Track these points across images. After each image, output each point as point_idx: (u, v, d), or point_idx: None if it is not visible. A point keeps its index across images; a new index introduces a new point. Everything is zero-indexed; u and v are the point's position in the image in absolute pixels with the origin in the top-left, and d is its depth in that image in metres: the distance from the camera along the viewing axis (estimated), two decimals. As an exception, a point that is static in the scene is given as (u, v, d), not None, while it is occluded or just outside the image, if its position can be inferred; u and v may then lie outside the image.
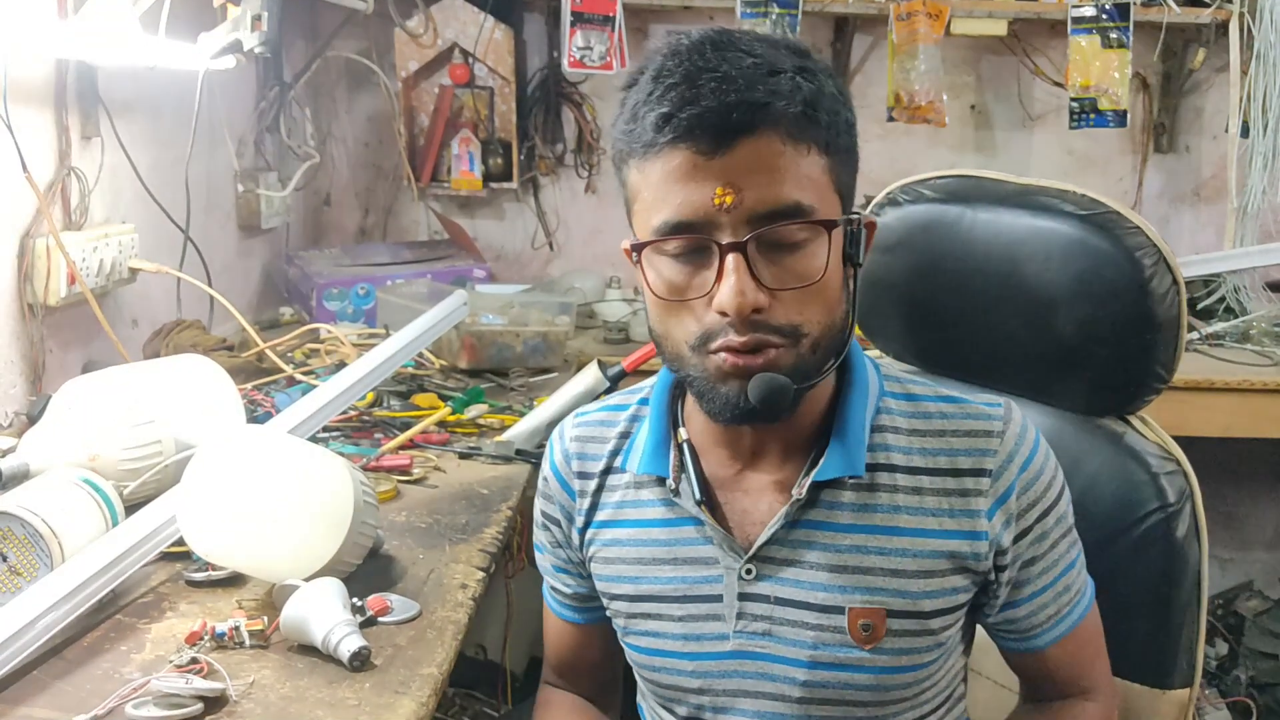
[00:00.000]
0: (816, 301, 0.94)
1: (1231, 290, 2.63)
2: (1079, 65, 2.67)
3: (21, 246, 1.67)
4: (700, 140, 0.89)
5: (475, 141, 2.89)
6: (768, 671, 1.03)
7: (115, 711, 0.96)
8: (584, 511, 1.12)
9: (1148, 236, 1.20)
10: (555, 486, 1.14)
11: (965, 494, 1.01)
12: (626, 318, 2.61)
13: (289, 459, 1.19)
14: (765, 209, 0.90)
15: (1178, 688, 1.20)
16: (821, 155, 0.93)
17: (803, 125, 0.91)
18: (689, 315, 0.95)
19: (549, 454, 1.16)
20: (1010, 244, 1.27)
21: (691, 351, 0.96)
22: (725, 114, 0.89)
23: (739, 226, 0.91)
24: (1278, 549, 3.04)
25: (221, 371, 1.52)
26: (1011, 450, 1.01)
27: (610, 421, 1.13)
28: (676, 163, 0.91)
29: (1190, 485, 1.20)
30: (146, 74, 1.85)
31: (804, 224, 0.92)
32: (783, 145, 0.91)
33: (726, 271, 0.91)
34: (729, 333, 0.92)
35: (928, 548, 1.00)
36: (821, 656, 1.01)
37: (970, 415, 1.03)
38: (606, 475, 1.11)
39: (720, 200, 0.90)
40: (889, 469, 1.02)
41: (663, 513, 1.07)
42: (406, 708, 0.99)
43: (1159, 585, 1.19)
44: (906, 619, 1.00)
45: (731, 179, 0.90)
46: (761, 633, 1.03)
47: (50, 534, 1.13)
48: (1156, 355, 1.21)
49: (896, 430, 1.03)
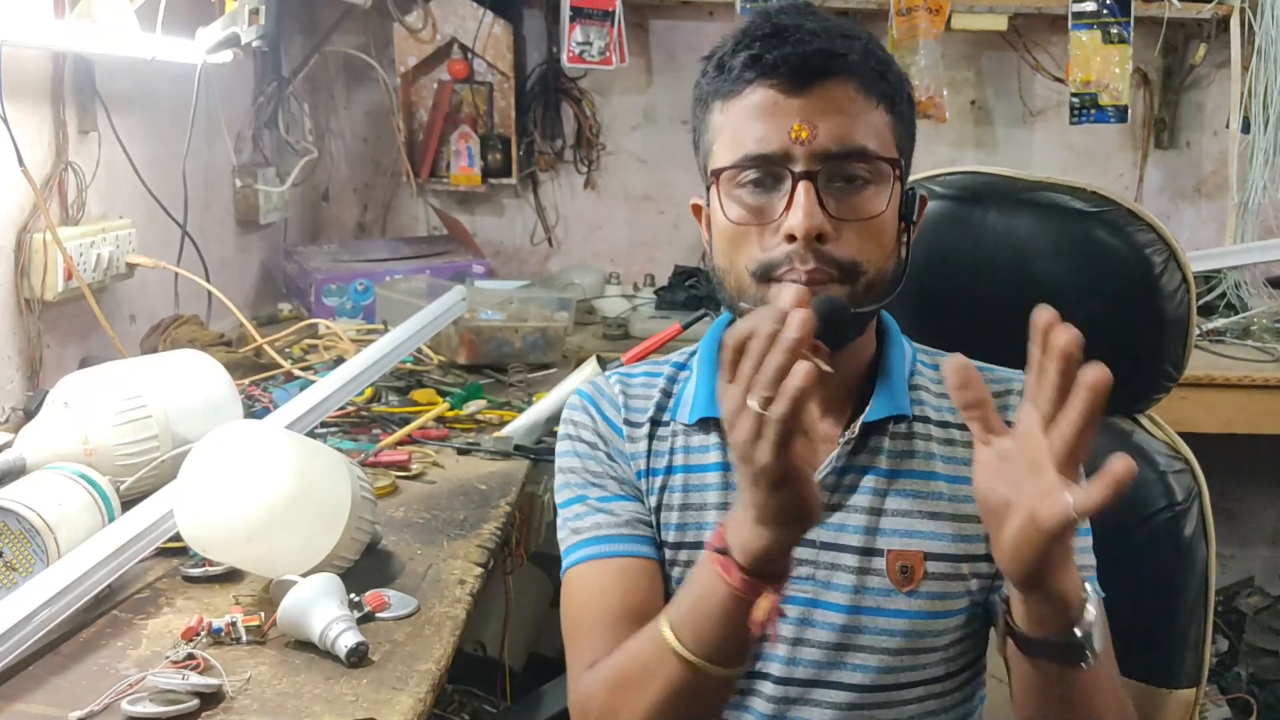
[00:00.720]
0: (875, 241, 1.01)
1: (1232, 286, 2.62)
2: (1080, 61, 2.66)
3: (18, 241, 1.67)
4: (783, 79, 0.98)
5: (474, 137, 2.89)
6: (808, 617, 1.05)
7: (111, 708, 0.96)
8: (638, 455, 1.11)
9: (1158, 234, 1.20)
10: (604, 427, 1.12)
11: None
12: (626, 313, 2.61)
13: (287, 454, 1.18)
14: (836, 147, 0.98)
15: (1184, 687, 1.19)
16: (888, 113, 1.02)
17: (874, 81, 1.01)
18: (755, 244, 1.01)
19: (584, 405, 1.13)
20: (1020, 240, 1.26)
21: (753, 280, 1.01)
22: (807, 58, 0.98)
23: (811, 160, 0.98)
24: (1278, 546, 3.04)
25: (219, 367, 1.51)
26: None
27: (649, 382, 1.15)
28: (759, 99, 1.00)
29: (1198, 484, 1.20)
30: (144, 68, 1.85)
31: (870, 163, 1.00)
32: (856, 93, 1.00)
33: (797, 197, 0.97)
34: (793, 261, 0.98)
35: (961, 493, 1.05)
36: (861, 601, 1.04)
37: (994, 380, 1.08)
38: (655, 426, 1.12)
39: (797, 134, 0.98)
40: (924, 420, 1.08)
41: (717, 457, 1.09)
42: (404, 704, 0.98)
43: (1166, 584, 1.19)
44: (942, 562, 1.04)
45: (808, 116, 0.98)
46: (805, 577, 1.05)
47: (46, 529, 1.12)
48: (1165, 353, 1.20)
49: (928, 389, 1.10)
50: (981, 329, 1.30)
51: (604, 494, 1.10)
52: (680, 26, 2.95)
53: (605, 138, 3.01)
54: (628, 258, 3.04)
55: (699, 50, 3.20)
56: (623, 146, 3.02)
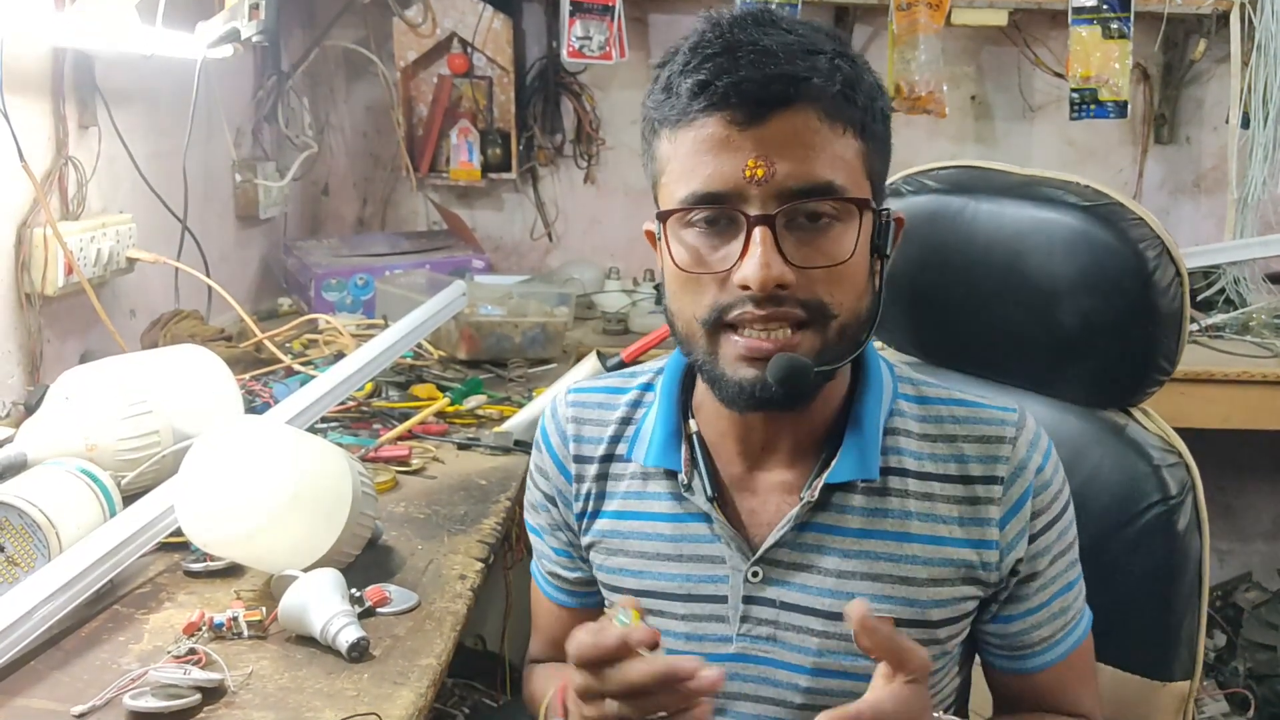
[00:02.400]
0: (844, 284, 0.92)
1: (1231, 282, 2.62)
2: (1079, 56, 2.66)
3: (19, 236, 1.67)
4: (736, 109, 0.88)
5: (474, 131, 2.88)
6: (770, 677, 1.01)
7: (113, 702, 0.96)
8: (583, 497, 1.09)
9: (1151, 229, 1.20)
10: (551, 466, 1.11)
11: (976, 502, 0.99)
12: (625, 309, 2.61)
13: (287, 449, 1.18)
14: (797, 184, 0.89)
15: (1178, 680, 1.19)
16: (856, 139, 0.92)
17: (840, 105, 0.90)
18: (707, 290, 0.93)
19: (542, 428, 1.13)
20: (1013, 235, 1.26)
21: (704, 330, 0.94)
22: (763, 85, 0.88)
23: (768, 200, 0.89)
24: (1276, 541, 3.04)
25: (219, 362, 1.52)
26: (1024, 458, 0.99)
27: (609, 404, 1.10)
28: (709, 131, 0.90)
29: (1192, 477, 1.20)
30: (144, 63, 1.85)
31: (836, 201, 0.91)
32: (819, 122, 0.90)
33: (752, 244, 0.89)
34: (747, 304, 0.90)
35: (938, 556, 0.99)
36: (826, 664, 0.99)
37: (983, 420, 1.01)
38: (609, 463, 1.08)
39: (751, 172, 0.88)
40: (900, 473, 1.00)
41: (671, 507, 1.04)
42: (405, 698, 0.99)
43: (1160, 577, 1.19)
44: (914, 628, 0.98)
45: (764, 151, 0.88)
46: (766, 637, 1.01)
47: (48, 524, 1.13)
48: (1159, 347, 1.20)
49: (908, 433, 1.01)
50: (975, 323, 1.31)
51: (554, 545, 1.16)
52: (680, 21, 2.94)
53: (605, 132, 3.00)
54: (627, 252, 3.03)
55: (699, 45, 3.08)
56: (622, 141, 3.01)
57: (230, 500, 1.14)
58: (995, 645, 1.06)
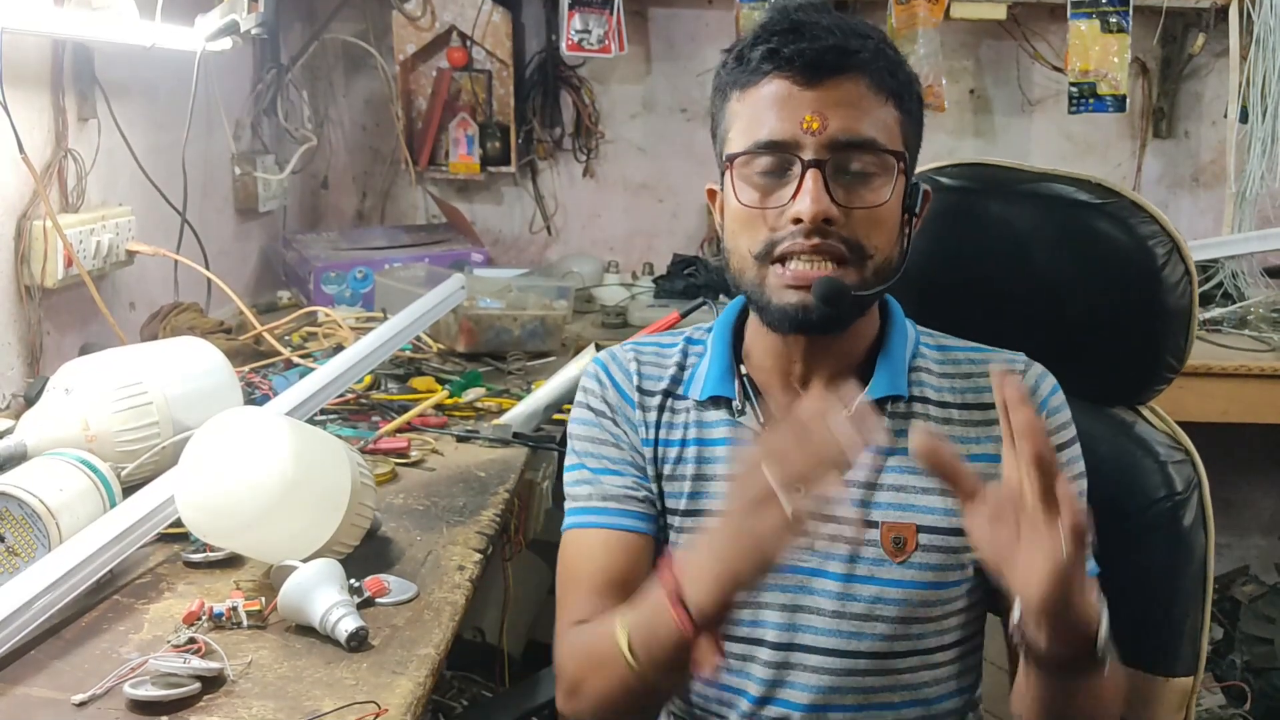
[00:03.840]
0: (881, 228, 1.06)
1: (1229, 276, 2.62)
2: (1078, 50, 2.66)
3: (18, 228, 1.67)
4: (798, 72, 1.04)
5: (473, 125, 2.88)
6: (807, 585, 1.10)
7: (113, 691, 0.96)
8: (650, 425, 1.16)
9: (1161, 226, 1.21)
10: (616, 398, 1.17)
11: (990, 423, 1.09)
12: (624, 302, 2.61)
13: (287, 441, 1.19)
14: (845, 137, 1.04)
15: (1181, 675, 1.20)
16: (896, 109, 1.07)
17: (884, 78, 1.06)
18: (762, 226, 1.06)
19: (597, 373, 1.19)
20: (1023, 231, 1.27)
21: (756, 262, 1.07)
22: (821, 53, 1.04)
23: (820, 149, 1.03)
24: (1274, 534, 3.05)
25: (219, 354, 1.52)
26: (1034, 385, 1.11)
27: (663, 353, 1.20)
28: (774, 89, 1.05)
29: (1198, 475, 1.21)
30: (143, 55, 1.85)
31: (876, 154, 1.05)
32: (866, 89, 1.05)
33: (805, 184, 1.03)
34: (798, 237, 1.04)
35: None
36: (856, 569, 1.09)
37: (994, 360, 1.14)
38: (669, 398, 1.17)
39: (808, 125, 1.03)
40: (923, 400, 1.12)
41: (726, 432, 1.14)
42: (404, 688, 0.99)
43: (1164, 573, 1.19)
44: (935, 534, 1.08)
45: (820, 108, 1.03)
46: (804, 545, 1.05)
47: (48, 514, 1.13)
48: (1167, 344, 1.21)
49: (929, 370, 1.14)
50: (984, 319, 1.31)
51: (600, 465, 1.16)
52: (680, 15, 2.94)
53: (604, 126, 3.00)
54: (626, 246, 3.04)
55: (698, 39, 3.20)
56: (621, 135, 3.02)
57: (230, 491, 1.15)
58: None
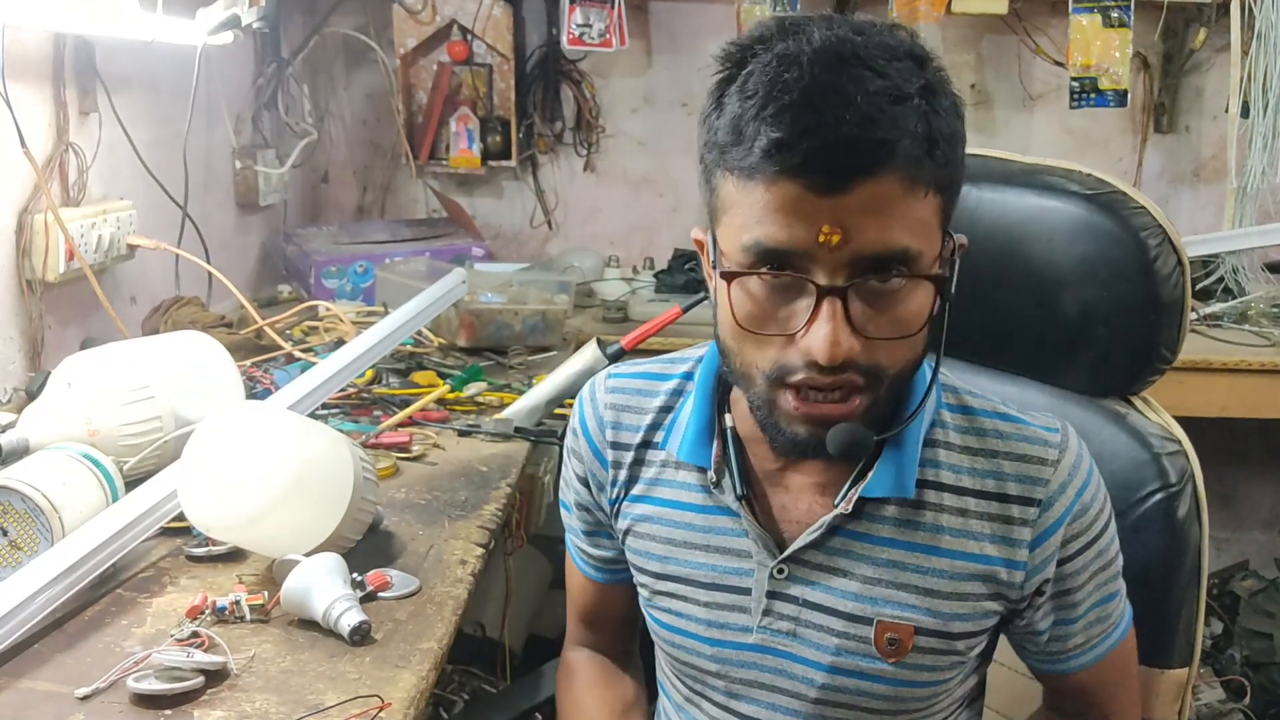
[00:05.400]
0: (907, 346, 0.90)
1: (1230, 271, 2.62)
2: (1080, 44, 2.66)
3: (20, 222, 1.67)
4: (815, 176, 0.83)
5: (474, 119, 2.88)
6: (787, 670, 1.02)
7: (117, 684, 0.97)
8: (618, 484, 1.09)
9: (1153, 217, 1.20)
10: (586, 451, 1.11)
11: (1010, 521, 0.98)
12: (625, 296, 2.61)
13: (290, 435, 1.19)
14: (870, 252, 0.85)
15: (1176, 667, 1.20)
16: (935, 196, 0.87)
17: (922, 166, 0.85)
18: (769, 345, 0.90)
19: (579, 412, 1.12)
20: (1015, 223, 1.26)
21: (765, 381, 0.91)
22: (845, 153, 0.82)
23: (839, 268, 0.85)
24: (1273, 529, 3.05)
25: (220, 348, 1.52)
26: (1064, 481, 0.98)
27: (649, 391, 1.09)
28: (783, 195, 0.84)
29: (1191, 466, 1.20)
30: (144, 49, 1.85)
31: (910, 264, 0.86)
32: (900, 188, 0.84)
33: (822, 317, 0.85)
34: (812, 371, 0.88)
35: (965, 571, 0.99)
36: (843, 664, 1.00)
37: (1025, 438, 1.00)
38: (645, 449, 1.08)
39: (826, 238, 0.84)
40: (936, 487, 0.99)
41: (701, 499, 1.04)
42: (406, 681, 0.99)
43: (1159, 565, 1.19)
44: (934, 637, 0.99)
45: (841, 219, 0.83)
46: (786, 632, 1.02)
47: (51, 508, 1.13)
48: (1160, 336, 1.21)
49: (949, 446, 1.00)
50: (976, 311, 1.30)
51: (584, 525, 1.18)
52: (680, 9, 2.94)
53: (605, 120, 3.00)
54: (627, 241, 3.04)
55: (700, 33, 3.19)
56: (622, 129, 3.01)
57: (233, 485, 1.15)
58: (1030, 648, 1.09)
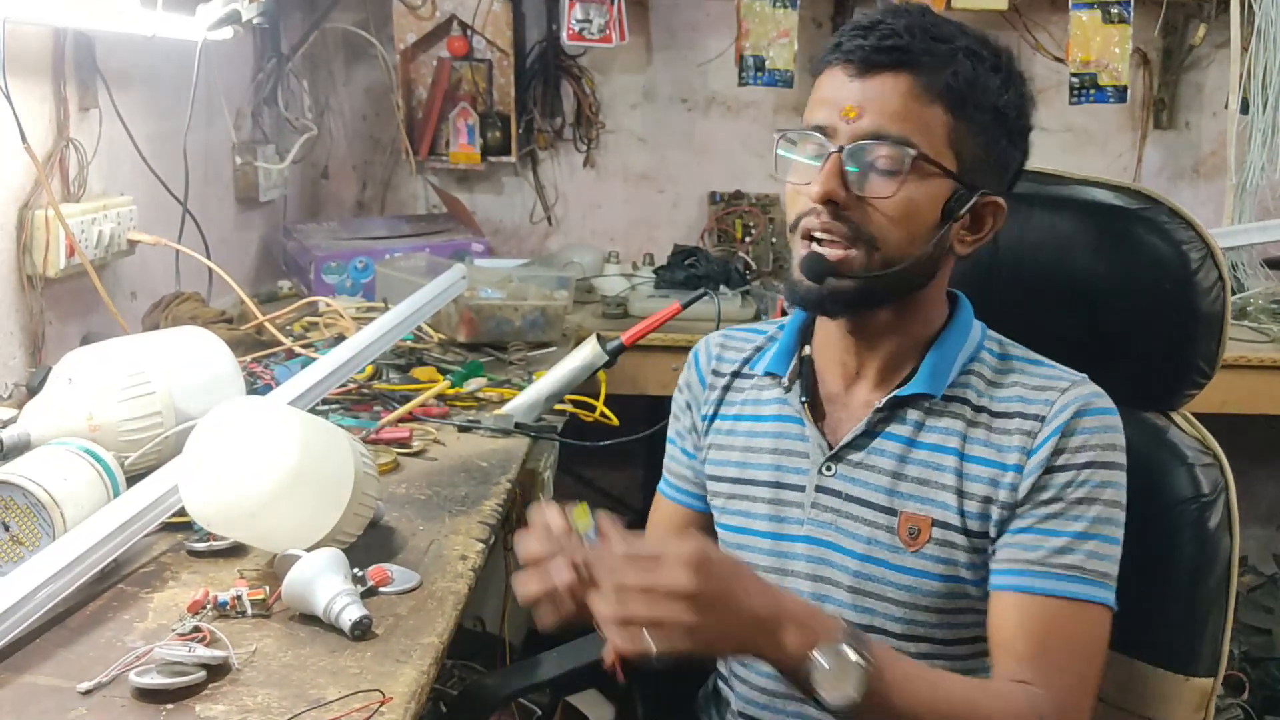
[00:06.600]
0: (895, 224, 1.09)
1: (1229, 267, 2.61)
2: (1080, 41, 2.66)
3: (20, 218, 1.67)
4: (849, 65, 1.09)
5: (473, 115, 2.88)
6: (827, 558, 1.17)
7: (118, 679, 0.97)
8: (711, 402, 1.29)
9: (1196, 231, 1.22)
10: (694, 379, 1.32)
11: (1019, 434, 1.12)
12: (625, 292, 2.61)
13: (290, 430, 1.19)
14: (874, 130, 1.08)
15: (1202, 676, 1.21)
16: (946, 113, 1.08)
17: (936, 80, 1.08)
18: (798, 199, 1.13)
19: (693, 354, 1.33)
20: (1060, 236, 1.29)
21: (789, 231, 1.15)
22: (876, 50, 1.08)
23: (849, 139, 1.09)
24: (1272, 525, 3.06)
25: (221, 343, 1.52)
26: (1067, 404, 1.11)
27: (749, 338, 1.31)
28: (829, 79, 1.12)
29: (1225, 479, 1.23)
30: (144, 44, 1.85)
31: (898, 148, 1.07)
32: (913, 88, 1.08)
33: (825, 167, 1.09)
34: (812, 216, 1.11)
35: (974, 473, 1.12)
36: (873, 551, 1.15)
37: (1048, 375, 1.15)
38: (736, 377, 1.29)
39: (845, 113, 1.09)
40: (961, 401, 1.15)
41: (776, 409, 1.24)
42: (407, 676, 1.00)
43: (1189, 574, 1.21)
44: (948, 530, 1.12)
45: (861, 100, 1.08)
46: (829, 523, 1.17)
47: (52, 503, 1.13)
48: (1199, 350, 1.23)
49: (981, 376, 1.17)
50: (1018, 323, 1.30)
51: (684, 447, 1.33)
52: (681, 4, 2.94)
53: (605, 116, 3.00)
54: (627, 236, 3.04)
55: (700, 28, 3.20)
56: (622, 125, 3.01)
57: (234, 480, 1.15)
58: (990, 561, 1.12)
